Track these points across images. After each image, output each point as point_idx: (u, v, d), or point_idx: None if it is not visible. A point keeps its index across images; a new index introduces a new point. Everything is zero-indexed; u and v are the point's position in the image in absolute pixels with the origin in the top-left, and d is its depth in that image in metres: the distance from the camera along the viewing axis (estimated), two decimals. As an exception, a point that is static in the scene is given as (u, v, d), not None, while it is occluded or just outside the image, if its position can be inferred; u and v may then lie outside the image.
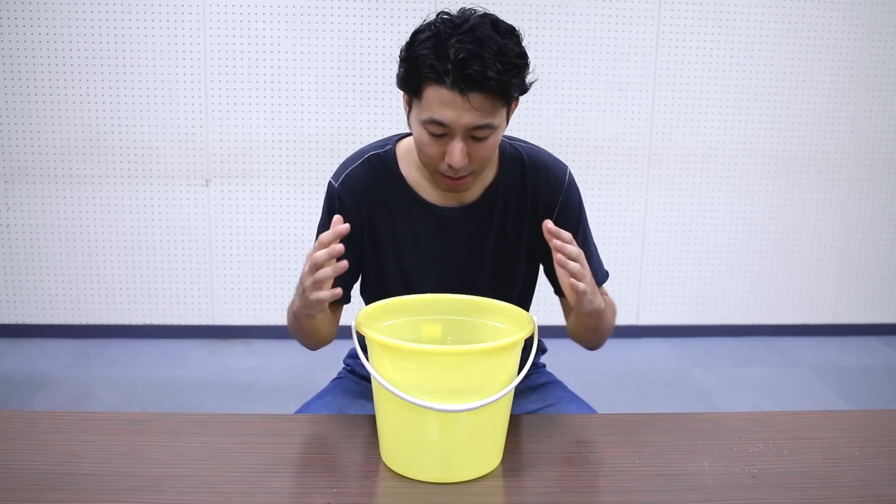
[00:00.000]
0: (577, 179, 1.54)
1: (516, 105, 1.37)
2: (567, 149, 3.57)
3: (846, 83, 3.65)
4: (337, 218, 1.17)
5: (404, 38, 1.32)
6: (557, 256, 1.17)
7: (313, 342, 1.44)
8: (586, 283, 1.19)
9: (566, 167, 1.51)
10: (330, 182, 1.47)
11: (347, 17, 3.40)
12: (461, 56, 1.22)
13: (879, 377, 3.46)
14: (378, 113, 3.47)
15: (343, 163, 1.48)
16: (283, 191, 3.54)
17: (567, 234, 1.19)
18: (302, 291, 1.21)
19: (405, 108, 1.36)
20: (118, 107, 3.41)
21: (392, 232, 1.45)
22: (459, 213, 1.44)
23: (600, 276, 1.50)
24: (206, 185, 3.51)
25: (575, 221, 1.48)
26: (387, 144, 1.47)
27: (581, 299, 1.20)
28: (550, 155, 1.51)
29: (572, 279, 1.18)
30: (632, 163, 3.63)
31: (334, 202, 1.45)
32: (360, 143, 3.86)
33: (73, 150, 3.44)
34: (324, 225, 1.47)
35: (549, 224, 1.18)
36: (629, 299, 3.77)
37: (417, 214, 1.44)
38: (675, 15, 3.52)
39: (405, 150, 1.46)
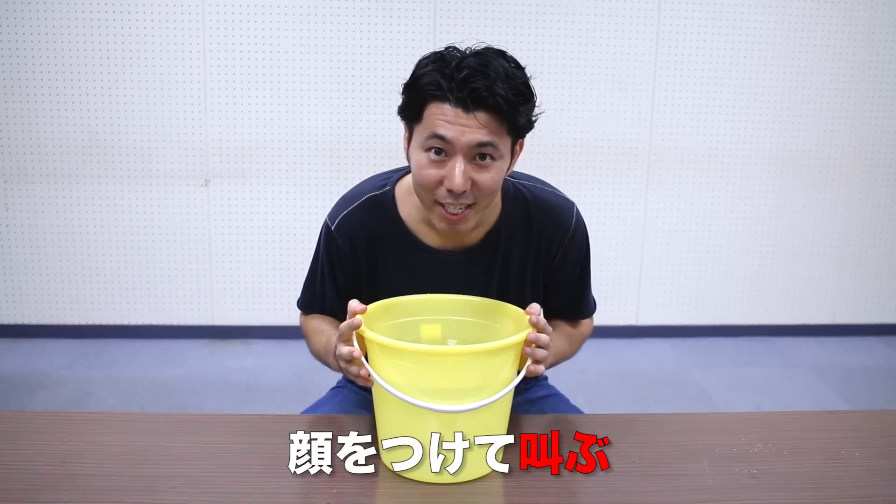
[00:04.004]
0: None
1: (521, 149, 1.33)
2: (567, 149, 3.56)
3: (846, 83, 3.65)
4: (353, 309, 1.18)
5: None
6: (530, 349, 1.17)
7: None
8: (544, 365, 1.21)
9: (573, 206, 1.44)
10: (326, 223, 1.43)
11: (347, 17, 3.40)
12: (466, 73, 1.19)
13: (879, 377, 3.46)
14: (378, 113, 3.47)
15: (339, 202, 1.44)
16: (282, 191, 3.53)
17: (543, 322, 1.19)
18: (340, 367, 1.23)
19: (405, 144, 1.32)
20: (118, 107, 3.41)
21: (390, 276, 1.41)
22: (460, 257, 1.40)
23: (590, 310, 1.53)
24: (206, 185, 3.51)
25: (576, 262, 1.45)
26: (385, 185, 1.42)
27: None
28: (556, 193, 1.45)
29: (534, 365, 1.18)
30: (631, 162, 3.63)
31: (331, 244, 1.42)
32: (360, 143, 3.87)
33: (73, 150, 3.44)
34: (321, 260, 1.45)
35: (533, 316, 1.19)
36: (629, 299, 3.77)
37: (417, 258, 1.40)
38: (675, 15, 3.52)
39: (404, 190, 1.40)
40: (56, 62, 3.36)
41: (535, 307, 1.20)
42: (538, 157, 3.49)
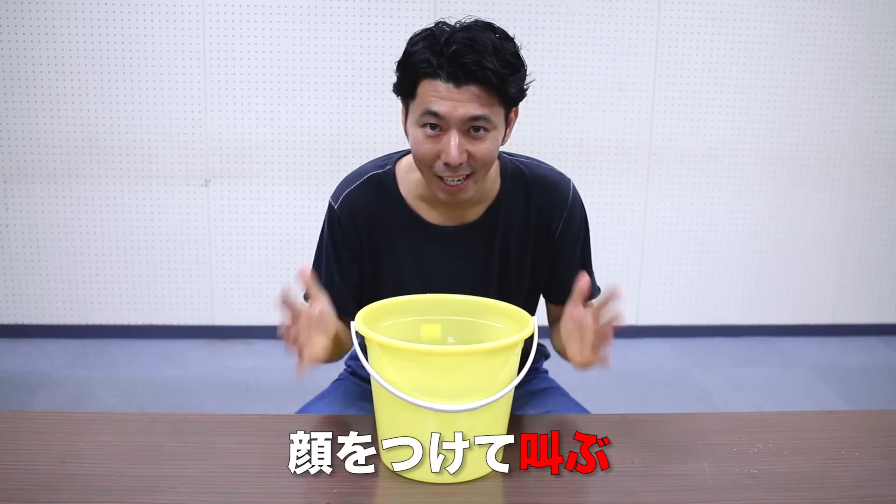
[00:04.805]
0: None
1: (516, 116, 1.36)
2: (567, 149, 3.57)
3: (846, 83, 3.65)
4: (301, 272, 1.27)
5: (404, 38, 1.32)
6: (604, 352, 1.27)
7: (335, 359, 1.43)
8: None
9: (569, 181, 1.48)
10: (329, 202, 1.45)
11: (348, 17, 3.40)
12: (455, 48, 1.22)
13: (879, 377, 3.46)
14: (378, 112, 3.47)
15: (342, 182, 1.46)
16: (282, 191, 3.53)
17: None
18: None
19: (402, 119, 1.35)
20: (118, 107, 3.41)
21: (392, 253, 1.43)
22: (461, 233, 1.42)
23: (595, 293, 1.52)
24: (206, 185, 3.51)
25: (577, 237, 1.46)
26: (386, 164, 1.44)
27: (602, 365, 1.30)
28: (553, 169, 1.49)
29: (605, 354, 1.28)
30: (632, 162, 3.63)
31: (334, 223, 1.43)
32: (360, 143, 3.87)
33: (73, 150, 3.44)
34: (325, 242, 1.46)
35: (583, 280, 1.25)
36: (629, 299, 3.77)
37: (418, 235, 1.41)
38: (675, 15, 3.52)
39: (405, 169, 1.43)
40: (56, 62, 3.36)
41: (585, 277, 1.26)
42: (538, 157, 3.48)
